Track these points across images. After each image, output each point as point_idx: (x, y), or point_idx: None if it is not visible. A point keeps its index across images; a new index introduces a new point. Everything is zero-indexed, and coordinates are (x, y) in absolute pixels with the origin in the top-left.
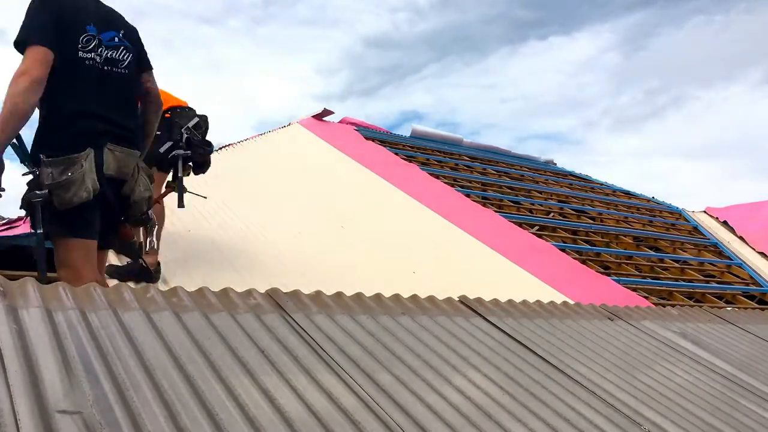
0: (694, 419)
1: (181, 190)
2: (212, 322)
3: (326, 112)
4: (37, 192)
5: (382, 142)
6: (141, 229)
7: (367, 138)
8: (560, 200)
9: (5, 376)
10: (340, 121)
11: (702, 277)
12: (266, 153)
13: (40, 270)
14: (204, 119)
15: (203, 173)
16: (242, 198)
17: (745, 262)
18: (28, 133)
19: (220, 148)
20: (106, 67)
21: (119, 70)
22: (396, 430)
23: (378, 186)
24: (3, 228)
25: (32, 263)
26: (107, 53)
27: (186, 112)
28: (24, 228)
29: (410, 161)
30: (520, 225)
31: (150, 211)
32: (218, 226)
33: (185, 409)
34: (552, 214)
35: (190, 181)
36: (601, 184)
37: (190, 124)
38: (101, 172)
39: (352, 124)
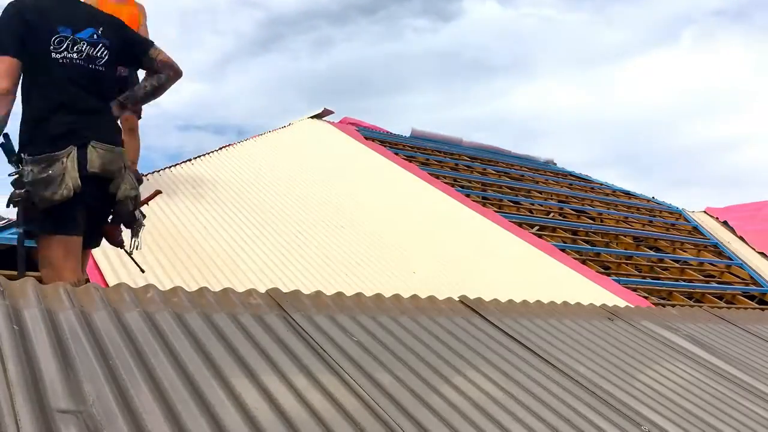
0: (694, 419)
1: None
2: (212, 322)
3: (326, 112)
4: (17, 191)
5: (382, 142)
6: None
7: (367, 138)
8: (560, 200)
9: (5, 376)
10: (340, 121)
11: (702, 277)
12: (265, 153)
13: (19, 268)
14: None
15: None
16: (242, 198)
17: (745, 262)
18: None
19: (220, 148)
20: (85, 65)
21: (97, 67)
22: (396, 430)
23: (378, 185)
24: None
25: (32, 263)
26: (88, 50)
27: None
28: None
29: (410, 161)
30: (520, 225)
31: (137, 211)
32: (218, 225)
33: (185, 409)
34: (552, 214)
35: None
36: (601, 184)
37: None
38: (85, 170)
39: (353, 123)
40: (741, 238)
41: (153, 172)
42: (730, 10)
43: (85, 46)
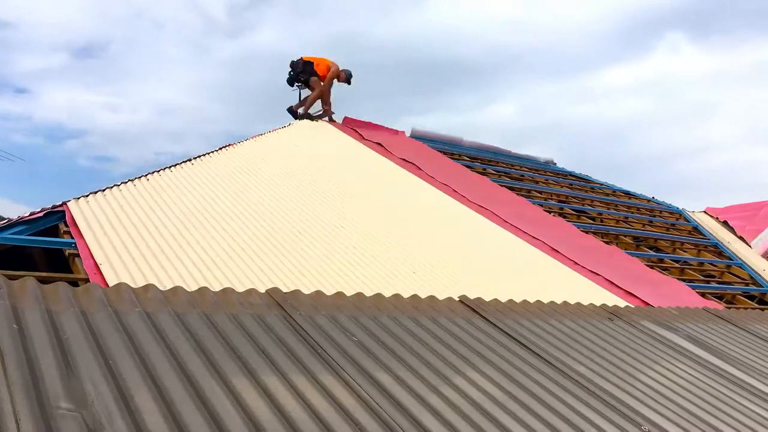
0: (694, 419)
1: None
2: (212, 322)
3: (326, 113)
4: None
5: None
6: None
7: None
8: (560, 200)
9: (6, 376)
10: (341, 121)
11: (702, 277)
12: (265, 152)
13: None
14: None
15: None
16: (241, 197)
17: (745, 262)
18: None
19: (220, 148)
20: None
21: None
22: (396, 430)
23: (378, 185)
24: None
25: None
26: None
27: None
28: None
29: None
30: None
31: None
32: (218, 225)
33: (185, 408)
34: (552, 214)
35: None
36: (601, 184)
37: None
38: None
39: (353, 124)
40: (741, 238)
41: (153, 173)
42: (693, 20)
43: None
